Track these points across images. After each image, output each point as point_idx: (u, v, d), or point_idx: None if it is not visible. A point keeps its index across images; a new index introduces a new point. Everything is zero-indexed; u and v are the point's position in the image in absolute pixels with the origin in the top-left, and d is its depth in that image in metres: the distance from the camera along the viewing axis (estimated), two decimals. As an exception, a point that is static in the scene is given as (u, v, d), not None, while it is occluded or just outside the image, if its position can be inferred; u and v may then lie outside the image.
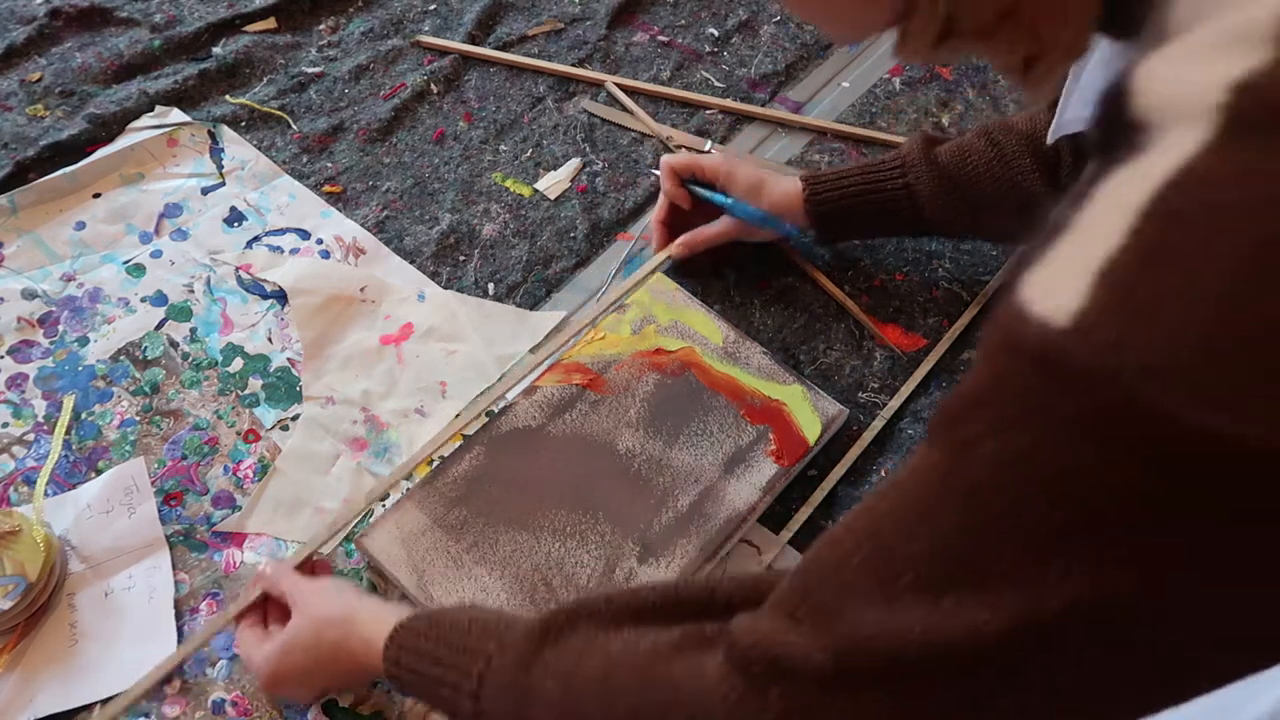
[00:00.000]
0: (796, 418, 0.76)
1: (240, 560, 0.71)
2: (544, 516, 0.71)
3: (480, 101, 1.01)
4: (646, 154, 0.97)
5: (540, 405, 0.76)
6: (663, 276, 0.84)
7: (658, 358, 0.79)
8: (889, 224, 0.83)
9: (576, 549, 0.69)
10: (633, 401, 0.77)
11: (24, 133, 0.93)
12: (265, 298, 0.85)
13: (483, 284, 0.87)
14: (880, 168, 0.81)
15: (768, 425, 0.76)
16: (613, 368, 0.78)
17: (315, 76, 1.02)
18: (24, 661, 0.66)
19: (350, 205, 0.92)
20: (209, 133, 0.96)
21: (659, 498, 0.72)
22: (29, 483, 0.74)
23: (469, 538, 0.69)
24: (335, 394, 0.79)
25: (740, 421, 0.76)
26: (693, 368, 0.79)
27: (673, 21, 1.11)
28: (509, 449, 0.74)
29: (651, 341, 0.80)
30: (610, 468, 0.73)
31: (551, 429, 0.75)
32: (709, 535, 0.70)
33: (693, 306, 0.82)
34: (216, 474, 0.75)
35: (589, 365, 0.78)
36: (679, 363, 0.79)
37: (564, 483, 0.72)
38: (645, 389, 0.77)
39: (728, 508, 0.72)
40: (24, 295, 0.83)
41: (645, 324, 0.81)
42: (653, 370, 0.78)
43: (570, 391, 0.77)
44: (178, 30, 1.03)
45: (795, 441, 0.75)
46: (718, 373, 0.78)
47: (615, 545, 0.70)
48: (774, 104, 1.03)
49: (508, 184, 0.95)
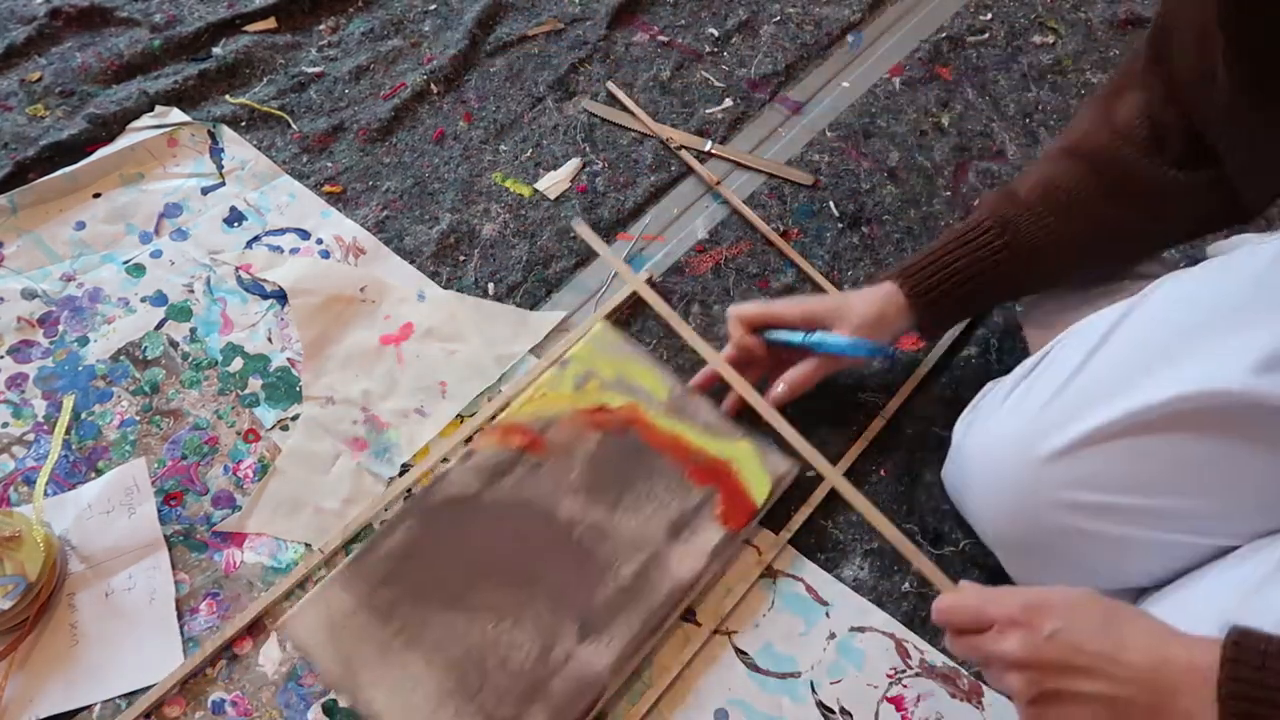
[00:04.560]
0: (744, 477, 0.73)
1: (240, 560, 0.71)
2: (478, 594, 0.67)
3: (480, 101, 1.01)
4: (646, 154, 0.97)
5: (476, 471, 0.72)
6: (607, 327, 0.80)
7: (600, 415, 0.75)
8: (1003, 290, 0.74)
9: (511, 629, 0.66)
10: (574, 464, 0.73)
11: (24, 133, 0.93)
12: (265, 298, 0.85)
13: (483, 284, 0.87)
14: (973, 234, 0.71)
15: (714, 486, 0.72)
16: (553, 427, 0.74)
17: (315, 76, 1.02)
18: (25, 661, 0.66)
19: (350, 205, 0.92)
20: (209, 133, 0.96)
21: (600, 569, 0.68)
22: (29, 483, 0.74)
23: (398, 620, 0.66)
24: (335, 394, 0.79)
25: (686, 483, 0.72)
26: (636, 425, 0.75)
27: (673, 21, 1.11)
28: (443, 520, 0.70)
29: (594, 398, 0.76)
30: (550, 537, 0.70)
31: (488, 496, 0.71)
32: (652, 608, 0.67)
33: (638, 359, 0.78)
34: (216, 474, 0.75)
35: (529, 426, 0.74)
36: (622, 420, 0.75)
37: (501, 556, 0.69)
38: (587, 449, 0.73)
39: (672, 577, 0.68)
40: (24, 295, 0.83)
41: (588, 379, 0.77)
42: (595, 429, 0.74)
43: (508, 455, 0.73)
44: (178, 30, 1.03)
45: (743, 503, 0.71)
46: (662, 430, 0.75)
47: (553, 624, 0.66)
48: (774, 104, 1.04)
49: (508, 184, 0.95)
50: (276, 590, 0.69)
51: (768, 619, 0.70)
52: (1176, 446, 0.57)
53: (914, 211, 0.94)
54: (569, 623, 0.66)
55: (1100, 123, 0.69)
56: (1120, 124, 0.67)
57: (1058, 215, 0.69)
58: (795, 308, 0.75)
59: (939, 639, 0.70)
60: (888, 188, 0.96)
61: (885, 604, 0.71)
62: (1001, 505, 0.64)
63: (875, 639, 0.69)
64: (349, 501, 0.74)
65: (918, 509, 0.76)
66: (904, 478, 0.77)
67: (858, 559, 0.73)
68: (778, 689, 0.67)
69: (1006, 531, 0.66)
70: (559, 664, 0.65)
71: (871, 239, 0.92)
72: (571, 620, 0.66)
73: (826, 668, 0.68)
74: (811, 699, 0.67)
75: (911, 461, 0.78)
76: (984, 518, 0.67)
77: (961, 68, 1.07)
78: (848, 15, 1.12)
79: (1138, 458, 0.58)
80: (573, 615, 0.67)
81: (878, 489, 0.77)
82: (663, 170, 0.96)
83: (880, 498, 0.76)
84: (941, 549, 0.74)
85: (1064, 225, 0.68)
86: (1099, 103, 0.70)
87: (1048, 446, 0.60)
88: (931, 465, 0.77)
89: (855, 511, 0.76)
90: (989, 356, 0.84)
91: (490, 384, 0.80)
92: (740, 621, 0.70)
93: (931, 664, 0.69)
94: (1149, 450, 0.57)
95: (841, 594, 0.71)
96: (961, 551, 0.74)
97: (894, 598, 0.72)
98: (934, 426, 0.80)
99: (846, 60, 1.08)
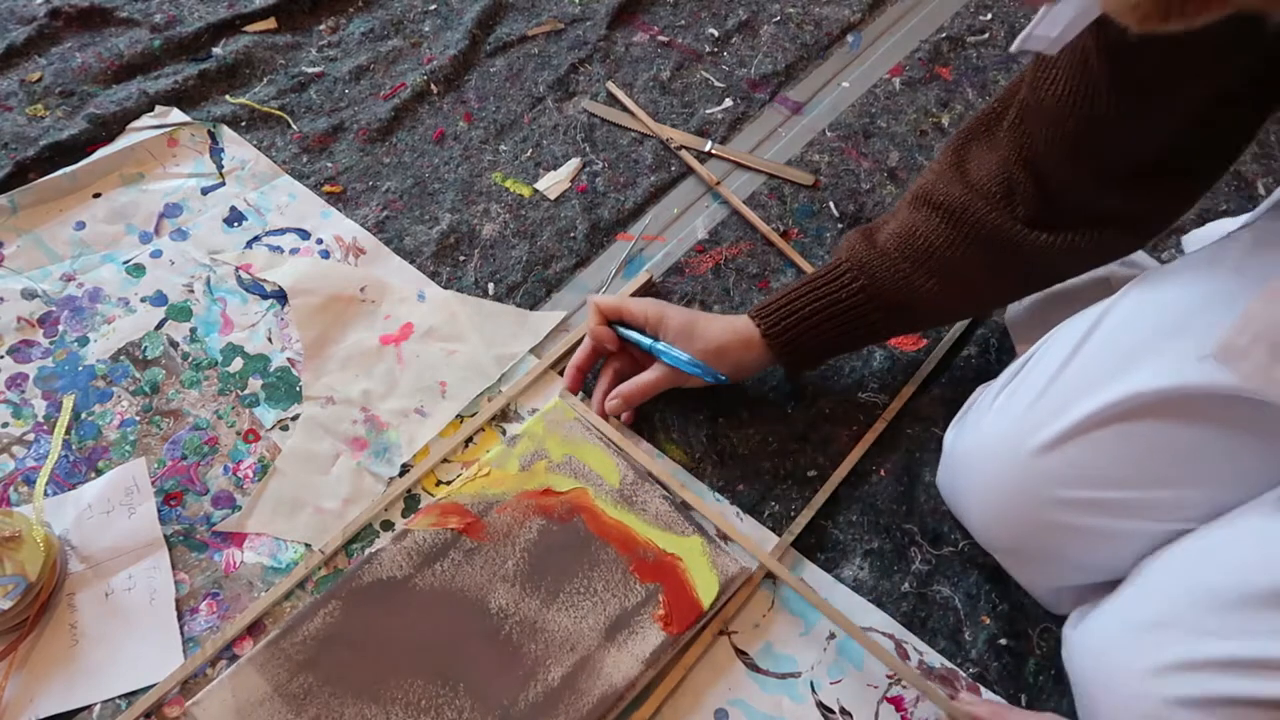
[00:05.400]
0: (692, 576, 0.69)
1: (240, 560, 0.71)
2: (398, 686, 0.64)
3: (480, 101, 1.01)
4: (646, 154, 0.97)
5: (409, 553, 0.69)
6: (562, 405, 0.77)
7: (545, 499, 0.72)
8: (861, 334, 0.73)
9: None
10: (512, 551, 0.69)
11: (24, 133, 0.93)
12: (265, 298, 0.85)
13: (483, 284, 0.87)
14: (829, 276, 0.72)
15: (659, 584, 0.68)
16: (494, 510, 0.71)
17: (315, 76, 1.02)
18: (25, 661, 0.66)
19: (350, 205, 0.92)
20: (209, 133, 0.96)
21: (528, 668, 0.65)
22: (29, 483, 0.74)
23: (311, 710, 0.62)
24: (335, 394, 0.79)
25: (629, 579, 0.69)
26: (583, 512, 0.71)
27: (673, 21, 1.11)
28: (369, 604, 0.67)
29: (540, 480, 0.73)
30: (478, 630, 0.66)
31: (419, 581, 0.68)
32: (579, 715, 0.63)
33: (590, 441, 0.75)
34: (216, 474, 0.75)
35: (468, 507, 0.71)
36: (568, 506, 0.72)
37: (425, 647, 0.65)
38: (528, 536, 0.70)
39: (604, 683, 0.64)
40: (24, 295, 0.83)
41: (536, 459, 0.74)
42: (538, 514, 0.71)
43: (444, 537, 0.70)
44: (178, 30, 1.03)
45: (687, 605, 0.68)
46: (610, 519, 0.71)
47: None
48: (774, 104, 1.03)
49: (508, 184, 0.95)
50: (276, 590, 0.69)
51: (768, 619, 0.70)
52: (1157, 436, 0.57)
53: (914, 212, 0.94)
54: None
55: (955, 175, 0.69)
56: (974, 179, 0.68)
57: (914, 264, 0.69)
58: (650, 311, 0.75)
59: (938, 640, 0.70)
60: (888, 188, 0.96)
61: (885, 604, 0.71)
62: (994, 506, 0.64)
63: (875, 639, 0.69)
64: (349, 501, 0.74)
65: (918, 509, 0.76)
66: (904, 478, 0.77)
67: (858, 559, 0.73)
68: (777, 689, 0.67)
69: (1001, 533, 0.66)
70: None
71: (871, 239, 0.92)
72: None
73: (826, 668, 0.68)
74: (811, 699, 0.67)
75: (911, 461, 0.78)
76: (978, 520, 0.67)
77: (961, 68, 1.07)
78: (848, 15, 1.12)
79: (1121, 449, 0.58)
80: (495, 716, 0.63)
81: (878, 489, 0.77)
82: (663, 170, 0.96)
83: (880, 498, 0.76)
84: (941, 549, 0.74)
85: (919, 275, 0.69)
86: (956, 151, 0.70)
87: (1034, 442, 0.61)
88: (931, 465, 0.77)
89: (855, 512, 0.76)
90: (989, 356, 0.84)
91: (490, 384, 0.80)
92: (740, 621, 0.70)
93: (930, 665, 0.69)
94: (1131, 440, 0.58)
95: (842, 594, 0.72)
96: (960, 552, 0.74)
97: (894, 598, 0.72)
98: (934, 426, 0.80)
99: (846, 60, 1.08)
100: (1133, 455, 0.58)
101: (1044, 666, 0.69)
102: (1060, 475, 0.60)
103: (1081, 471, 0.59)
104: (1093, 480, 0.59)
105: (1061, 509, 0.60)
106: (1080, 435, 0.59)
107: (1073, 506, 0.60)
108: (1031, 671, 0.69)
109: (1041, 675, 0.69)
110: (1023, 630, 0.70)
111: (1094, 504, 0.60)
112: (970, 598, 0.72)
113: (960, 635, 0.70)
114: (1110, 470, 0.59)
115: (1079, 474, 0.59)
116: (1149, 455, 0.58)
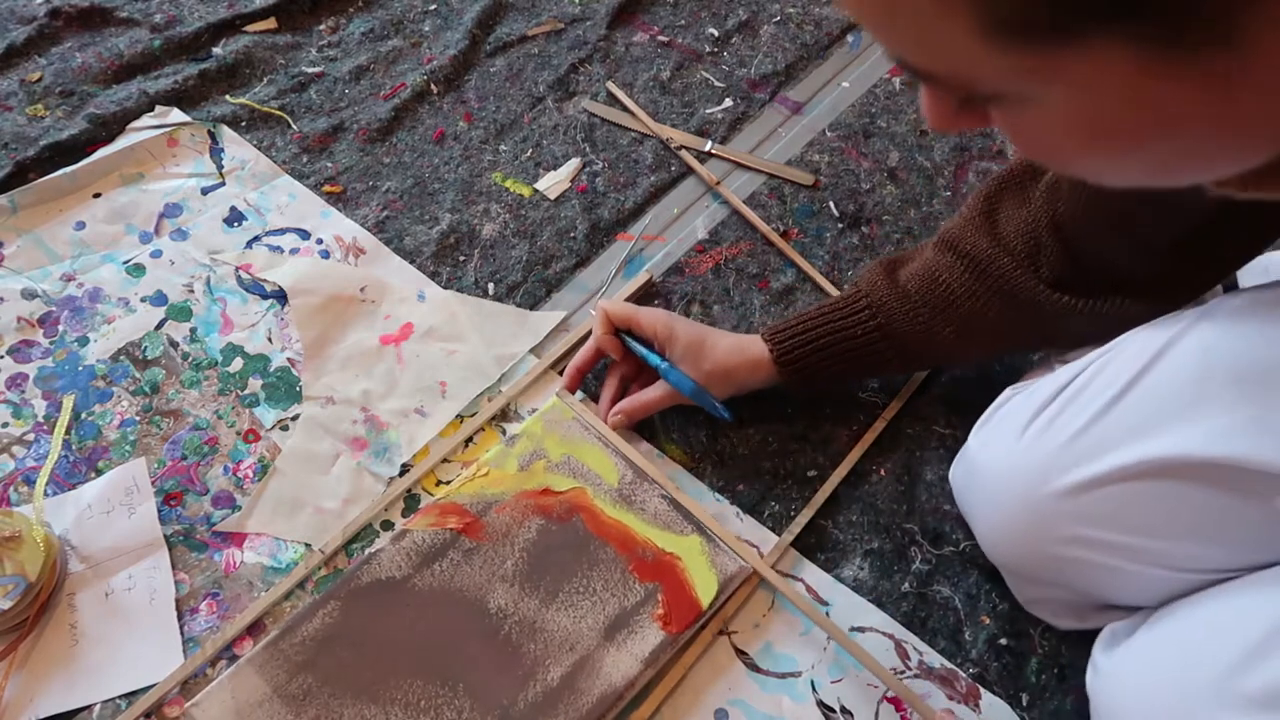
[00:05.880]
0: (691, 575, 0.69)
1: (240, 560, 0.71)
2: (396, 687, 0.64)
3: (480, 101, 1.01)
4: (646, 154, 0.97)
5: (408, 553, 0.69)
6: (560, 405, 0.77)
7: (544, 499, 0.72)
8: (871, 368, 0.74)
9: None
10: (511, 551, 0.69)
11: (24, 133, 0.93)
12: (265, 298, 0.85)
13: (483, 284, 0.87)
14: (846, 309, 0.72)
15: (658, 584, 0.68)
16: (493, 510, 0.71)
17: (315, 76, 1.02)
18: (25, 661, 0.66)
19: (350, 205, 0.92)
20: (209, 133, 0.96)
21: (528, 668, 0.65)
22: (29, 483, 0.74)
23: (310, 711, 0.62)
24: (335, 394, 0.79)
25: (628, 578, 0.69)
26: (582, 512, 0.71)
27: (673, 21, 1.11)
28: (368, 604, 0.67)
29: (539, 480, 0.73)
30: (477, 630, 0.66)
31: (418, 581, 0.68)
32: (579, 715, 0.63)
33: (589, 441, 0.75)
34: (216, 474, 0.75)
35: (467, 507, 0.71)
36: (567, 505, 0.72)
37: (424, 646, 0.65)
38: (527, 536, 0.70)
39: (603, 682, 0.64)
40: (24, 295, 0.83)
41: (534, 459, 0.74)
42: (537, 514, 0.71)
43: (443, 537, 0.70)
44: (178, 30, 1.03)
45: (686, 604, 0.68)
46: (609, 518, 0.71)
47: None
48: (774, 104, 1.04)
49: (508, 184, 0.95)
50: (276, 590, 0.69)
51: (767, 619, 0.70)
52: (1195, 496, 0.55)
53: (914, 212, 0.94)
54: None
55: (985, 224, 0.69)
56: (1002, 234, 0.68)
57: (933, 310, 0.69)
58: (660, 326, 0.74)
59: (938, 640, 0.70)
60: (888, 188, 0.96)
61: (885, 604, 0.71)
62: (1007, 530, 0.63)
63: (875, 639, 0.69)
64: (349, 501, 0.74)
65: (918, 509, 0.76)
66: (904, 477, 0.77)
67: (858, 559, 0.73)
68: (778, 688, 0.67)
69: (1008, 552, 0.66)
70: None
71: (871, 239, 0.92)
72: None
73: (826, 667, 0.68)
74: (811, 698, 0.67)
75: (911, 461, 0.78)
76: (986, 533, 0.67)
77: (961, 68, 1.07)
78: (848, 15, 1.12)
79: (1154, 502, 0.56)
80: (495, 715, 0.63)
81: (878, 489, 0.77)
82: (663, 170, 0.96)
83: (880, 497, 0.76)
84: (941, 549, 0.74)
85: (937, 321, 0.69)
86: (988, 199, 0.70)
87: (1065, 481, 0.59)
88: (931, 465, 0.77)
89: (855, 512, 0.76)
90: (989, 356, 0.84)
91: (490, 384, 0.80)
92: (740, 621, 0.70)
93: (930, 665, 0.69)
94: (1166, 496, 0.56)
95: (842, 594, 0.72)
96: (961, 552, 0.74)
97: (894, 598, 0.72)
98: (934, 426, 0.80)
99: (846, 60, 1.08)
100: (1164, 510, 0.56)
101: (1045, 666, 0.69)
102: (1085, 515, 0.58)
103: (1108, 516, 0.58)
104: (1118, 526, 0.58)
105: (1078, 546, 0.59)
106: (1115, 483, 0.57)
107: (1091, 545, 0.59)
108: (1032, 671, 0.69)
109: (1043, 675, 0.69)
110: (1023, 630, 0.70)
111: (1114, 546, 0.58)
112: (970, 598, 0.72)
113: (960, 635, 0.70)
114: (1138, 520, 0.57)
115: (1105, 518, 0.58)
116: (1182, 511, 0.56)
